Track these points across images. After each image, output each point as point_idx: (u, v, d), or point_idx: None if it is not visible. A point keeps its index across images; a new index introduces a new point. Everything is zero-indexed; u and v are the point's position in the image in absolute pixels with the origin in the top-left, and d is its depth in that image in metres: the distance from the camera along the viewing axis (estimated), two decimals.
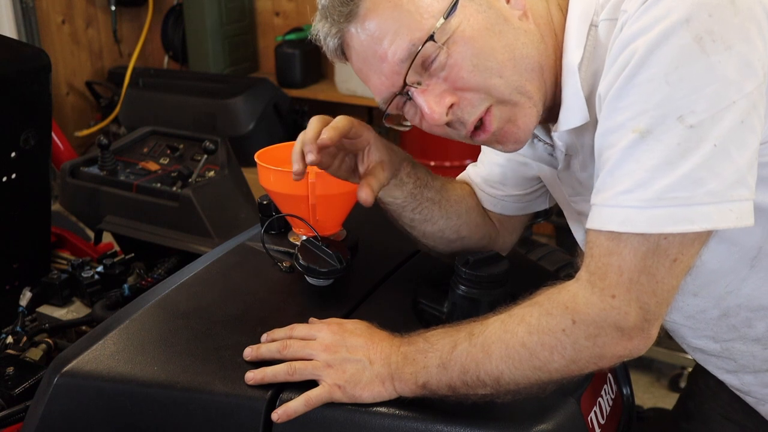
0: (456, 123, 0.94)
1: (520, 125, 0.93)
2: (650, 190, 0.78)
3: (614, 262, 0.81)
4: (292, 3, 3.99)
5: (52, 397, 0.97)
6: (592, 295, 0.83)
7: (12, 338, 1.44)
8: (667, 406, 2.36)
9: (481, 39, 0.89)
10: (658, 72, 0.78)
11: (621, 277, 0.81)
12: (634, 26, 0.80)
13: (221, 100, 3.33)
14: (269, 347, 0.97)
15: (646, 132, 0.78)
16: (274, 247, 1.23)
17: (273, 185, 1.19)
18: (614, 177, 0.81)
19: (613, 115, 0.82)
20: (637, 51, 0.79)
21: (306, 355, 0.95)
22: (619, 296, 0.81)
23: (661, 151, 0.78)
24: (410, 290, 1.14)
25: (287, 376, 0.93)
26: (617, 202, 0.81)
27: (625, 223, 0.80)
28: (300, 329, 0.99)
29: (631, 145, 0.80)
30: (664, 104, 0.77)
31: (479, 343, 0.88)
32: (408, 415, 0.90)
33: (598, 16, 0.89)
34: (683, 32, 0.77)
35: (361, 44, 0.93)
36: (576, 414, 0.95)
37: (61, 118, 3.87)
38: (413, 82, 0.92)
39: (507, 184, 1.19)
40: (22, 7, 3.70)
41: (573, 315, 0.84)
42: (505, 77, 0.90)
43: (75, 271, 1.64)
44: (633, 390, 1.24)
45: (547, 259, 2.08)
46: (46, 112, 1.68)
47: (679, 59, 0.77)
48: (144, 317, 1.07)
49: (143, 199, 1.90)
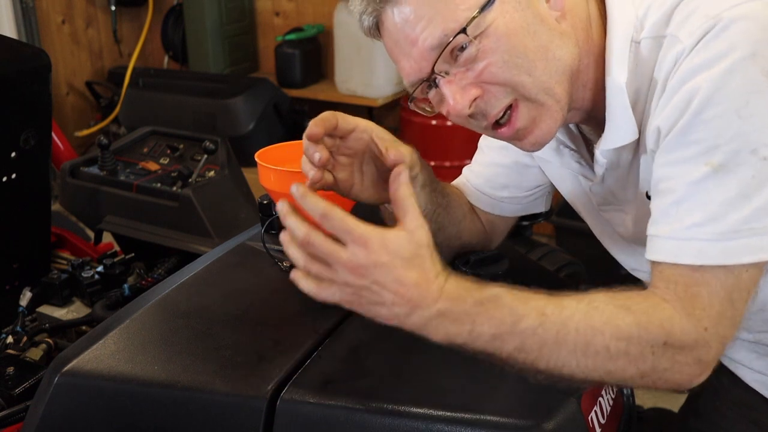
0: (478, 115, 0.94)
1: (543, 127, 0.94)
2: (725, 223, 0.80)
3: (703, 293, 0.82)
4: (292, 3, 4.00)
5: (53, 397, 0.97)
6: (688, 323, 0.82)
7: (12, 338, 1.44)
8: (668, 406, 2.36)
9: (515, 37, 0.89)
10: (729, 107, 0.79)
11: (712, 309, 0.82)
12: (695, 60, 0.81)
13: (221, 100, 3.33)
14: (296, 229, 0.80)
15: (719, 166, 0.80)
16: (275, 247, 1.23)
17: (273, 185, 1.19)
18: (681, 209, 0.82)
19: (680, 149, 0.83)
20: (703, 86, 0.80)
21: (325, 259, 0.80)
22: (710, 329, 0.82)
23: (735, 185, 0.79)
24: None
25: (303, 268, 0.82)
26: (690, 235, 0.81)
27: (701, 256, 0.81)
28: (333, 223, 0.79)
29: (702, 179, 0.81)
30: (737, 139, 0.79)
31: (553, 329, 0.81)
32: (408, 414, 0.90)
33: (639, 33, 0.90)
34: (751, 67, 0.78)
35: (395, 26, 0.93)
36: (577, 414, 0.95)
37: (61, 118, 3.87)
38: (441, 71, 0.92)
39: (510, 186, 1.19)
40: (22, 7, 3.70)
41: (667, 337, 0.82)
42: (534, 76, 0.90)
43: (75, 271, 1.64)
44: (633, 390, 1.24)
45: (547, 259, 2.07)
46: (46, 112, 1.68)
47: (750, 94, 0.78)
48: (144, 317, 1.07)
49: (143, 199, 1.90)
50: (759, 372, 1.12)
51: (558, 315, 0.82)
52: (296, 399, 0.91)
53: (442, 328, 0.81)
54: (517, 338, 0.81)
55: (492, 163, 1.20)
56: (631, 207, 1.04)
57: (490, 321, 0.81)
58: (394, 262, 0.79)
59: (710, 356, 0.83)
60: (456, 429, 0.88)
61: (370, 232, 0.79)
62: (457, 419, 0.89)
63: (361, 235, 0.78)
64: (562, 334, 0.81)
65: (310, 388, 0.92)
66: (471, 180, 1.23)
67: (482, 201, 1.22)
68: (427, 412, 0.90)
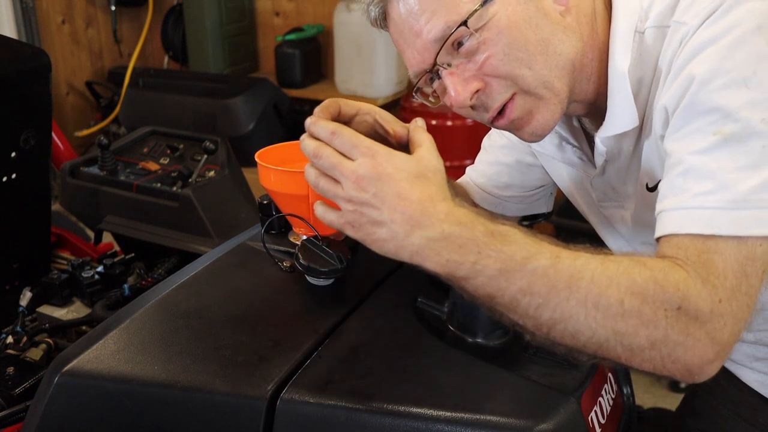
0: (479, 107, 0.95)
1: (540, 119, 0.94)
2: (734, 191, 0.77)
3: (717, 261, 0.76)
4: (292, 3, 4.00)
5: (53, 397, 0.97)
6: (704, 290, 0.75)
7: (12, 338, 1.44)
8: (668, 406, 2.36)
9: (516, 30, 0.89)
10: (736, 77, 0.78)
11: (726, 280, 0.76)
12: (701, 37, 0.81)
13: (221, 100, 3.33)
14: (307, 144, 0.83)
15: (730, 135, 0.78)
16: (275, 247, 1.23)
17: (273, 185, 1.19)
18: (689, 179, 0.80)
19: (688, 123, 0.81)
20: (709, 59, 0.79)
21: (333, 174, 0.81)
22: (724, 302, 0.75)
23: (745, 154, 0.77)
24: (410, 290, 1.14)
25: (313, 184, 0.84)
26: (698, 203, 0.78)
27: (711, 225, 0.77)
28: (342, 140, 0.81)
29: (710, 148, 0.79)
30: (746, 107, 0.78)
31: (566, 271, 0.76)
32: (408, 414, 0.90)
33: (643, 23, 0.91)
34: (756, 38, 0.78)
35: (400, 17, 0.94)
36: (576, 414, 0.95)
37: (61, 118, 3.88)
38: (443, 63, 0.93)
39: (513, 186, 1.20)
40: (22, 7, 3.70)
41: (682, 301, 0.75)
42: (535, 70, 0.91)
43: (75, 271, 1.64)
44: (633, 390, 1.24)
45: None
46: (46, 112, 1.68)
47: (757, 63, 0.78)
48: (144, 317, 1.07)
49: (143, 199, 1.90)
50: (759, 372, 1.12)
51: (573, 260, 0.77)
52: (296, 399, 0.91)
53: (445, 254, 0.77)
54: (525, 277, 0.76)
55: (495, 162, 1.20)
56: (630, 203, 1.04)
57: (499, 254, 0.76)
58: (398, 174, 0.77)
59: (724, 336, 0.75)
60: (456, 429, 0.88)
61: (378, 145, 0.79)
62: (457, 419, 0.89)
63: (369, 147, 0.78)
64: (575, 279, 0.75)
65: (310, 388, 0.92)
66: (474, 179, 1.23)
67: (486, 200, 1.22)
68: (427, 412, 0.90)
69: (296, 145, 1.30)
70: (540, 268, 0.75)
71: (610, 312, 0.75)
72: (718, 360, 0.77)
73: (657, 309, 0.75)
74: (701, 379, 0.78)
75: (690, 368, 0.77)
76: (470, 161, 1.27)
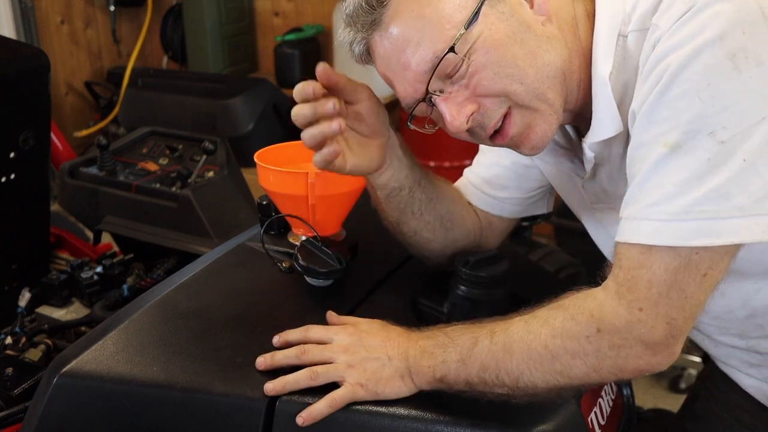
0: (477, 128, 0.95)
1: (539, 132, 0.94)
2: (677, 203, 0.79)
3: (644, 275, 0.81)
4: (292, 3, 4.00)
5: (52, 398, 0.97)
6: (620, 306, 0.83)
7: (11, 339, 1.44)
8: (668, 407, 2.36)
9: (502, 47, 0.89)
10: (690, 88, 0.78)
11: (650, 290, 0.81)
12: (667, 42, 0.81)
13: (221, 100, 3.32)
14: (286, 354, 0.96)
15: (677, 147, 0.79)
16: (274, 248, 1.23)
17: (273, 185, 1.19)
18: (642, 190, 0.82)
19: (645, 130, 0.83)
20: (670, 67, 0.79)
21: (326, 358, 0.94)
22: (646, 310, 0.81)
23: (690, 166, 0.79)
24: (410, 290, 1.14)
25: (310, 381, 0.92)
26: (645, 215, 0.81)
27: (653, 236, 0.80)
28: (315, 332, 0.99)
29: (660, 159, 0.80)
30: (695, 120, 0.78)
31: (501, 342, 0.88)
32: (408, 415, 0.90)
33: (626, 27, 0.90)
34: (716, 50, 0.77)
35: (385, 51, 0.94)
36: (576, 415, 0.95)
37: (61, 119, 3.87)
38: (435, 90, 0.93)
39: (510, 187, 1.19)
40: (21, 7, 3.70)
41: (599, 323, 0.84)
42: (526, 84, 0.91)
43: (74, 272, 1.64)
44: (633, 391, 1.24)
45: (547, 260, 2.07)
46: (46, 112, 1.68)
47: (712, 76, 0.78)
48: (143, 317, 1.07)
49: (142, 199, 1.90)
50: (754, 378, 1.11)
51: (504, 330, 0.89)
52: (296, 399, 0.91)
53: (424, 362, 0.91)
54: (477, 359, 0.89)
55: (492, 164, 1.20)
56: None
57: (455, 347, 0.91)
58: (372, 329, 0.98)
59: (656, 336, 0.82)
60: (456, 429, 0.88)
61: (341, 318, 1.02)
62: (457, 420, 0.89)
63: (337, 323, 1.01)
64: (509, 345, 0.88)
65: (310, 388, 0.92)
66: (472, 181, 1.23)
67: (483, 201, 1.22)
68: (427, 413, 0.90)
69: (296, 146, 1.31)
70: (484, 347, 0.89)
71: (543, 359, 0.86)
72: (663, 353, 0.83)
73: (579, 340, 0.84)
74: (660, 369, 0.85)
75: (640, 369, 0.85)
76: (469, 162, 1.27)
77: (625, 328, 0.82)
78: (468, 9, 0.89)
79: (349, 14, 0.96)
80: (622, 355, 0.83)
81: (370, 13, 0.93)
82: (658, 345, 0.82)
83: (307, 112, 0.94)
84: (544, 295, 0.93)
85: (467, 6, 0.89)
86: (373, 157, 1.03)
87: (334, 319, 1.03)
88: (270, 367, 0.95)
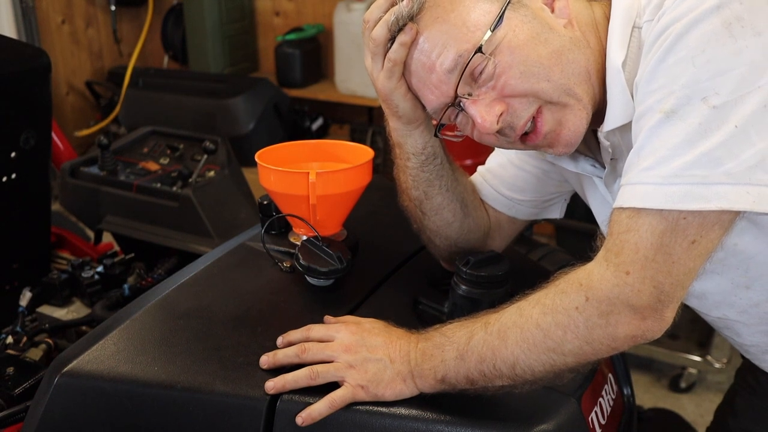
0: (506, 129, 0.96)
1: (570, 127, 0.95)
2: (668, 167, 0.79)
3: (631, 239, 0.81)
4: (292, 3, 4.00)
5: (53, 397, 0.97)
6: (606, 271, 0.83)
7: (12, 338, 1.44)
8: (668, 406, 2.36)
9: (527, 47, 0.91)
10: (685, 55, 0.80)
11: (637, 254, 0.81)
12: (669, 16, 0.83)
13: (221, 100, 3.32)
14: (286, 352, 0.96)
15: (671, 112, 0.80)
16: (275, 247, 1.23)
17: (273, 185, 1.19)
18: (639, 156, 0.83)
19: (645, 99, 0.84)
20: (669, 37, 0.81)
21: (326, 357, 0.95)
22: (633, 273, 0.81)
23: (683, 130, 0.79)
24: (410, 290, 1.14)
25: (309, 380, 0.93)
26: (639, 179, 0.82)
27: (643, 199, 0.81)
28: (317, 330, 0.99)
29: (656, 125, 0.81)
30: (689, 85, 0.79)
31: (495, 331, 0.89)
32: (408, 415, 0.90)
33: (641, 19, 0.91)
34: (713, 18, 0.79)
35: (412, 59, 0.96)
36: (577, 414, 0.95)
37: (61, 118, 3.87)
38: (464, 93, 0.94)
39: (527, 190, 1.20)
40: (22, 7, 3.70)
41: (586, 292, 0.84)
42: (553, 81, 0.92)
43: (75, 271, 1.64)
44: (633, 390, 1.25)
45: (547, 259, 2.07)
46: (46, 112, 1.68)
47: (707, 43, 0.79)
48: (144, 317, 1.07)
49: (143, 199, 1.90)
50: None
51: (497, 319, 0.90)
52: (296, 399, 0.91)
53: (425, 365, 0.92)
54: (474, 351, 0.89)
55: (511, 165, 1.21)
56: None
57: (452, 344, 0.92)
58: (374, 328, 0.98)
59: (643, 300, 0.81)
60: (456, 429, 0.88)
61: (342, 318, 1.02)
62: (457, 420, 0.89)
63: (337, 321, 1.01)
64: (503, 331, 0.89)
65: (310, 388, 0.92)
66: (488, 179, 1.23)
67: (498, 201, 1.22)
68: (427, 412, 0.90)
69: (296, 145, 1.31)
70: (479, 339, 0.90)
71: (535, 339, 0.87)
72: (652, 318, 0.83)
73: (569, 312, 0.85)
74: (653, 336, 0.85)
75: (631, 335, 0.84)
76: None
77: (612, 292, 0.82)
78: (492, 14, 0.91)
79: None
80: (611, 323, 0.83)
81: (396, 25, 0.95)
82: (646, 309, 0.82)
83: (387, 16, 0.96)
84: None
85: (491, 11, 0.91)
86: (417, 105, 1.04)
87: (332, 320, 1.02)
88: (272, 366, 0.95)
